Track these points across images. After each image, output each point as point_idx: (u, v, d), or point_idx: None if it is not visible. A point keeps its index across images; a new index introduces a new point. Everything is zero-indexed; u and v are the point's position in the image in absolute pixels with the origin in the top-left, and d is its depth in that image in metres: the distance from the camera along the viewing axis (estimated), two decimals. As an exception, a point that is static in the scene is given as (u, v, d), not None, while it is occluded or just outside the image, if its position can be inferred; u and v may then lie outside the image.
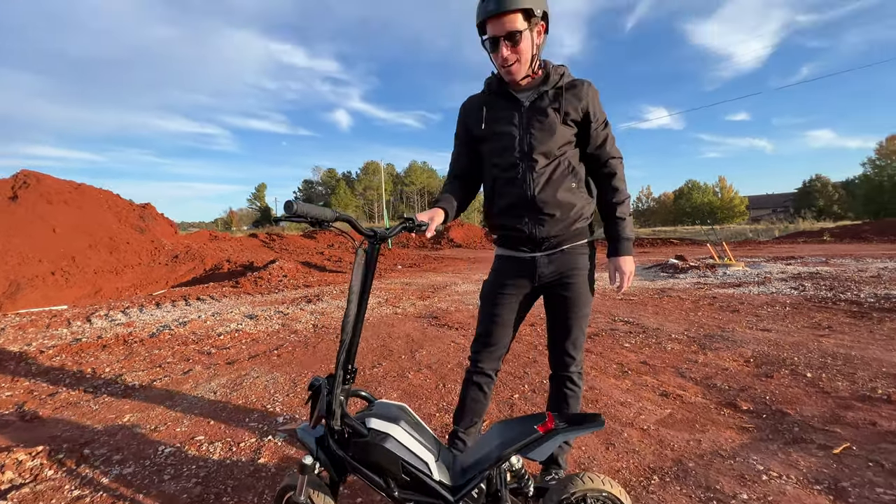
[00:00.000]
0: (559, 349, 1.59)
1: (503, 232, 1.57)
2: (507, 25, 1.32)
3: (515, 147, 1.46)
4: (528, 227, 1.48)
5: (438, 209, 1.50)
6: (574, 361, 1.58)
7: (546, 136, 1.44)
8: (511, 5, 1.30)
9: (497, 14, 1.32)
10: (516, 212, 1.49)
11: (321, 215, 1.10)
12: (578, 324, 1.55)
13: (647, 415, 2.40)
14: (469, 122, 1.58)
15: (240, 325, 4.79)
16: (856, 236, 16.93)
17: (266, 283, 8.08)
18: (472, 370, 1.66)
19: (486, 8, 1.33)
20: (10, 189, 10.36)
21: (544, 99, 1.46)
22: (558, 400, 1.62)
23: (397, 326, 4.57)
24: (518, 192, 1.47)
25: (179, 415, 2.54)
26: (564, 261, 1.52)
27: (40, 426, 2.42)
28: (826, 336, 3.72)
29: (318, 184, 75.69)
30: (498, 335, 1.60)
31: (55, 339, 4.42)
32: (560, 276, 1.52)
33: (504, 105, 1.50)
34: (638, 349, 3.58)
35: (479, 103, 1.55)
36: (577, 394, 1.60)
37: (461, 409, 1.70)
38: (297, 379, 3.09)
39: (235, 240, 19.23)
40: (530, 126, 1.45)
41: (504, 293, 1.57)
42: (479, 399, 1.67)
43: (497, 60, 1.41)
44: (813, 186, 50.54)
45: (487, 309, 1.60)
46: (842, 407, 2.37)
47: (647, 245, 18.65)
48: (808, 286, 6.09)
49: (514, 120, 1.47)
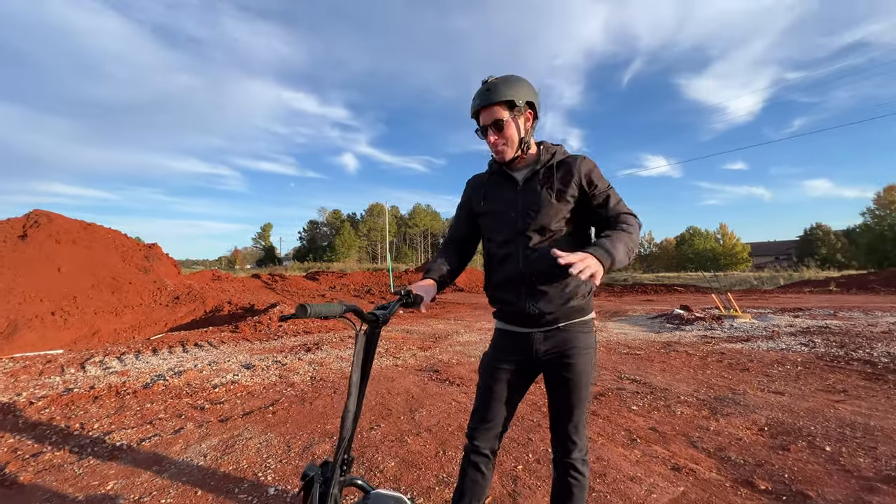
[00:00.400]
0: (561, 433, 1.53)
1: (499, 306, 1.60)
2: (493, 115, 1.48)
3: (510, 223, 1.53)
4: (522, 303, 1.49)
5: (431, 281, 1.54)
6: (577, 447, 1.52)
7: (539, 213, 1.48)
8: (493, 99, 1.45)
9: (483, 107, 1.48)
10: (510, 287, 1.52)
11: (331, 312, 1.12)
12: (580, 406, 1.51)
13: (659, 493, 2.26)
14: (472, 197, 1.69)
15: (236, 375, 4.68)
16: (862, 286, 16.78)
17: (265, 329, 7.98)
18: (470, 448, 1.61)
19: (475, 102, 1.50)
20: (21, 228, 10.55)
21: (538, 177, 1.53)
22: (562, 489, 1.53)
23: (397, 381, 4.44)
24: (512, 268, 1.51)
25: (166, 482, 2.42)
26: (562, 339, 1.50)
27: (19, 494, 2.30)
28: (842, 402, 3.58)
29: (323, 224, 76.69)
30: (495, 411, 1.57)
31: (46, 388, 4.31)
32: (558, 354, 1.50)
33: (502, 184, 1.60)
34: (646, 413, 3.44)
35: (482, 181, 1.67)
36: (581, 483, 1.52)
37: (460, 494, 1.63)
38: (291, 441, 2.97)
39: (238, 280, 19.24)
40: (525, 203, 1.52)
41: (501, 368, 1.56)
42: (477, 481, 1.60)
43: (489, 143, 1.54)
44: (815, 234, 50.77)
45: (485, 382, 1.59)
46: (866, 489, 2.23)
47: (651, 292, 18.51)
48: (819, 342, 5.95)
49: (510, 197, 1.56)
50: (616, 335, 7.26)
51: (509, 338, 1.57)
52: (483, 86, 1.49)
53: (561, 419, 1.53)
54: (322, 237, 74.68)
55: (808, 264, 36.00)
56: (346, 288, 21.05)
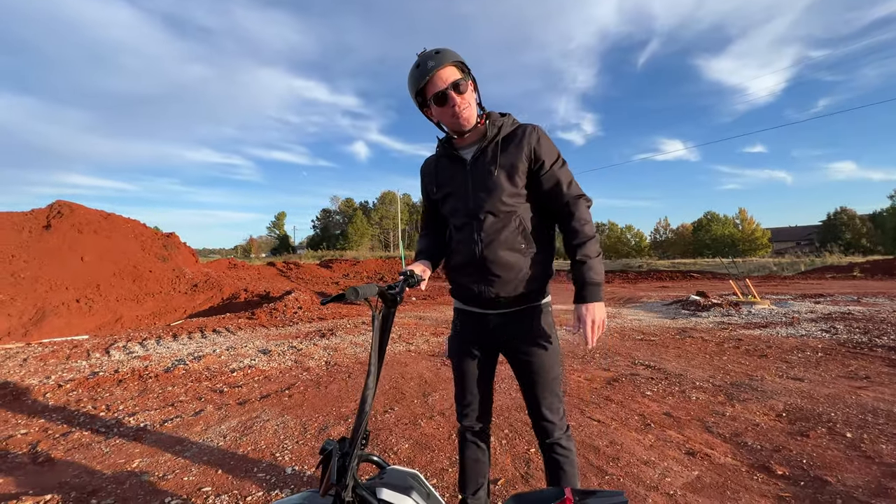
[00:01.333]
0: (537, 416, 1.52)
1: (456, 289, 1.58)
2: (449, 76, 1.37)
3: (463, 207, 1.47)
4: (477, 287, 1.45)
5: (427, 262, 1.56)
6: (556, 426, 1.51)
7: (489, 193, 1.42)
8: (447, 60, 1.36)
9: (437, 69, 1.36)
10: (466, 270, 1.48)
11: (370, 292, 1.16)
12: (550, 387, 1.49)
13: (673, 477, 2.25)
14: (427, 184, 1.63)
15: (253, 360, 4.78)
16: (888, 272, 16.25)
17: (281, 315, 8.13)
18: (462, 428, 1.65)
19: (425, 69, 1.36)
20: (45, 218, 10.86)
21: (486, 154, 1.45)
22: (553, 468, 1.54)
23: (410, 366, 4.49)
24: (467, 251, 1.46)
25: (188, 461, 2.50)
26: (519, 322, 1.48)
27: (50, 470, 2.41)
28: (864, 388, 3.49)
29: (336, 213, 77.19)
30: (471, 389, 1.59)
31: (74, 371, 4.48)
32: (516, 339, 1.49)
33: (451, 166, 1.52)
34: (661, 398, 3.42)
35: (433, 165, 1.61)
36: (569, 457, 1.53)
37: (463, 475, 1.67)
38: (307, 423, 3.03)
39: (253, 268, 19.57)
40: (475, 184, 1.45)
41: (466, 349, 1.58)
42: (478, 458, 1.65)
43: (448, 112, 1.41)
44: (839, 219, 49.16)
45: (456, 364, 1.62)
46: (888, 475, 2.18)
47: (667, 278, 18.25)
48: (841, 328, 5.80)
49: (460, 180, 1.49)
50: (630, 321, 7.19)
51: (468, 318, 1.57)
52: (424, 54, 1.39)
53: (534, 403, 1.51)
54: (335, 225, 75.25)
55: (831, 249, 34.98)
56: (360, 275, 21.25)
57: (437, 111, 1.43)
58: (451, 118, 1.41)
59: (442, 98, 1.37)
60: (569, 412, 3.15)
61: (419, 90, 1.40)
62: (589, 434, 2.78)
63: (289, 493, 2.14)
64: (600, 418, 3.03)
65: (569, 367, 4.34)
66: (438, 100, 1.38)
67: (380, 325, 1.25)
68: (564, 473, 1.52)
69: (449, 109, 1.39)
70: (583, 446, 2.62)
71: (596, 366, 4.41)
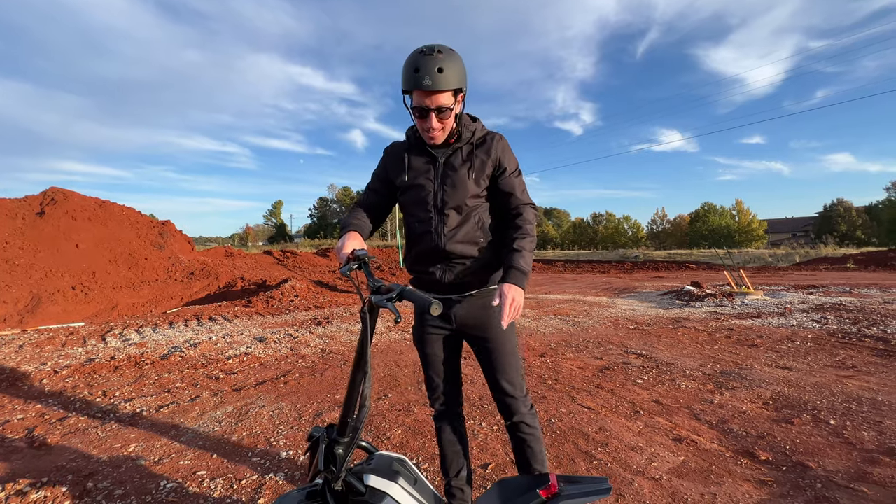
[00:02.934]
0: (499, 392, 1.60)
1: (417, 275, 1.63)
2: (439, 101, 1.38)
3: (430, 201, 1.53)
4: (439, 273, 1.54)
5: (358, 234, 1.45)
6: (518, 401, 1.59)
7: (457, 192, 1.51)
8: (446, 85, 1.35)
9: (432, 91, 1.35)
10: (429, 259, 1.56)
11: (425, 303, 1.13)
12: (510, 363, 1.58)
13: (660, 462, 2.30)
14: (391, 168, 1.62)
15: (249, 348, 4.81)
16: (881, 264, 16.39)
17: (277, 304, 8.15)
18: (436, 414, 1.70)
19: (421, 82, 1.34)
20: (39, 205, 10.77)
21: (458, 156, 1.54)
22: (521, 447, 1.62)
23: (405, 354, 4.53)
24: (430, 243, 1.53)
25: (183, 446, 2.54)
26: (477, 306, 1.57)
27: (47, 454, 2.44)
28: (850, 377, 3.56)
29: (334, 201, 76.82)
30: (437, 372, 1.65)
31: (70, 358, 4.50)
32: (475, 320, 1.57)
33: (422, 160, 1.56)
34: (651, 386, 3.47)
35: (402, 153, 1.60)
36: (535, 435, 1.62)
37: (444, 459, 1.72)
38: (302, 410, 3.07)
39: (250, 256, 19.52)
40: (444, 182, 1.52)
41: (430, 333, 1.63)
42: (454, 441, 1.70)
43: (421, 125, 1.46)
44: (835, 211, 49.31)
45: (422, 350, 1.66)
46: (868, 461, 2.24)
47: (662, 269, 18.34)
48: (832, 319, 5.88)
49: (430, 175, 1.54)
50: (624, 311, 7.25)
51: None
52: (431, 61, 1.34)
53: (494, 379, 1.59)
54: (332, 214, 74.93)
55: (826, 241, 35.17)
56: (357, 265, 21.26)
57: (414, 118, 1.48)
58: (422, 133, 1.49)
59: (422, 113, 1.41)
60: (560, 400, 3.20)
61: (407, 87, 1.40)
62: (579, 421, 2.83)
63: (282, 478, 2.18)
64: (591, 405, 3.09)
65: (562, 356, 4.40)
66: (418, 112, 1.42)
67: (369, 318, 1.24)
68: (532, 451, 1.60)
69: (423, 124, 1.45)
70: (572, 432, 2.67)
71: (588, 354, 4.46)
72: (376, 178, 1.67)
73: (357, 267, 1.27)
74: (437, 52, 1.35)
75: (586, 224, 61.77)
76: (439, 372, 1.65)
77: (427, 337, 1.64)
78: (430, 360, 1.65)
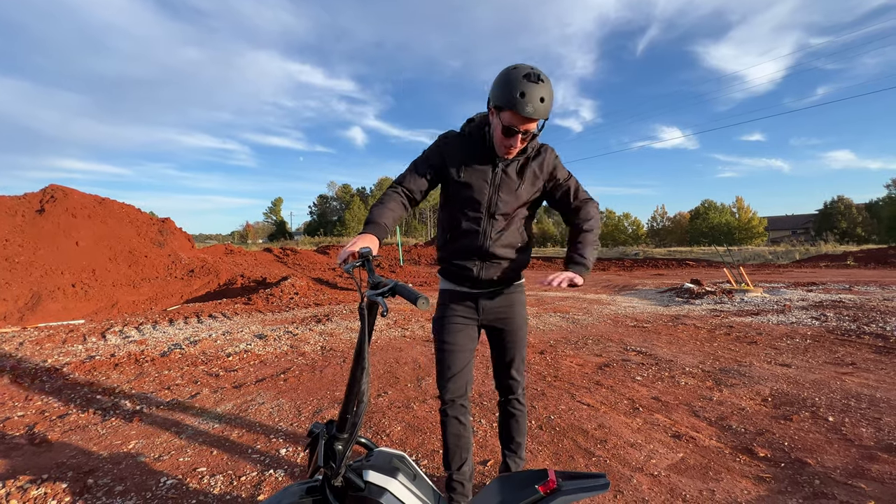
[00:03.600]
0: (506, 376, 1.77)
1: (452, 269, 1.70)
2: (529, 126, 1.47)
3: (483, 203, 1.61)
4: (476, 270, 1.64)
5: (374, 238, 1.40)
6: (519, 384, 1.78)
7: (510, 201, 1.61)
8: (543, 115, 1.45)
9: (532, 118, 1.43)
10: (469, 256, 1.65)
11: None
12: (520, 351, 1.76)
13: (659, 459, 2.31)
14: (449, 159, 1.63)
15: (249, 345, 4.82)
16: (881, 261, 16.38)
17: (277, 301, 8.15)
18: (445, 406, 1.72)
19: (524, 108, 1.38)
20: (39, 203, 10.76)
21: (517, 165, 1.61)
22: (508, 419, 1.82)
23: (405, 351, 4.54)
24: (475, 242, 1.62)
25: (184, 443, 2.55)
26: (504, 299, 1.72)
27: (47, 451, 2.45)
28: (849, 374, 3.56)
29: (333, 199, 76.74)
30: (458, 362, 1.70)
31: (70, 355, 4.50)
32: (500, 313, 1.72)
33: (482, 160, 1.61)
34: (650, 383, 3.48)
35: (462, 147, 1.63)
36: (524, 412, 1.83)
37: (447, 452, 1.75)
38: (301, 407, 3.08)
39: (250, 254, 19.51)
40: (500, 188, 1.60)
41: (455, 323, 1.70)
42: (460, 434, 1.73)
43: (503, 141, 1.52)
44: (835, 208, 49.21)
45: (444, 339, 1.70)
46: (866, 458, 2.25)
47: (662, 266, 18.34)
48: (831, 316, 5.88)
49: (488, 178, 1.60)
50: (624, 308, 7.26)
51: (457, 296, 1.72)
52: (537, 90, 1.38)
53: (506, 365, 1.76)
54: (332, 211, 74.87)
55: (826, 238, 35.15)
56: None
57: (497, 132, 1.51)
58: (500, 146, 1.55)
59: (510, 133, 1.48)
60: (559, 397, 3.21)
61: (505, 105, 1.42)
62: (578, 417, 2.84)
63: (282, 474, 2.19)
64: (590, 402, 3.09)
65: (561, 353, 4.40)
66: (506, 131, 1.48)
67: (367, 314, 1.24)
68: (518, 425, 1.82)
69: (506, 141, 1.51)
70: (571, 429, 2.67)
71: (588, 351, 4.47)
72: (426, 162, 1.65)
73: (360, 264, 1.28)
74: (541, 81, 1.40)
75: (586, 221, 61.36)
76: (458, 361, 1.70)
77: (450, 326, 1.70)
78: (449, 348, 1.69)
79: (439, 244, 1.74)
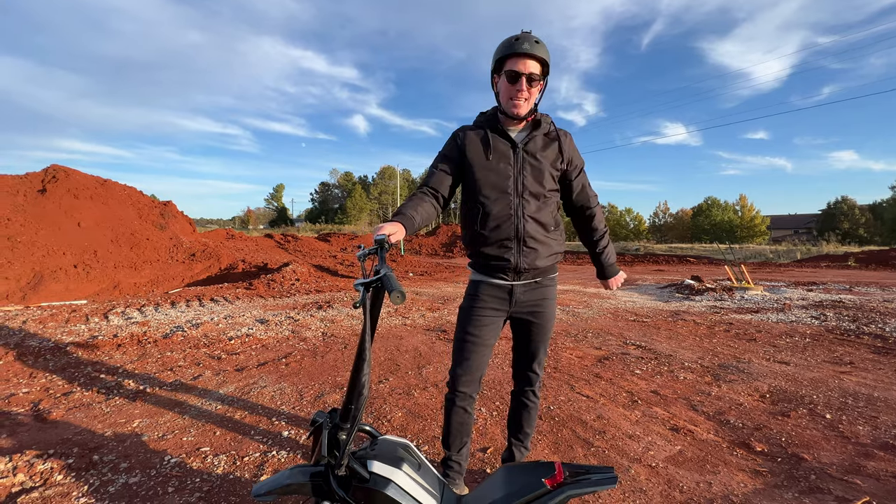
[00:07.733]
0: (528, 368, 1.79)
1: (486, 260, 1.64)
2: (532, 68, 1.51)
3: (511, 185, 1.59)
4: (514, 258, 1.60)
5: (399, 224, 1.40)
6: (538, 377, 1.81)
7: (536, 180, 1.60)
8: (541, 53, 1.50)
9: (528, 55, 1.49)
10: (504, 244, 1.60)
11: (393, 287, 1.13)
12: (545, 346, 1.77)
13: (656, 451, 2.34)
14: (469, 148, 1.63)
15: (251, 329, 4.85)
16: (882, 262, 16.36)
17: (279, 287, 8.18)
18: (455, 395, 1.73)
19: (520, 46, 1.48)
20: (41, 182, 10.73)
21: (535, 143, 1.62)
22: (521, 409, 1.85)
23: (406, 339, 4.56)
24: (507, 227, 1.59)
25: (187, 422, 2.57)
26: (538, 292, 1.69)
27: (53, 428, 2.48)
28: (847, 373, 3.58)
29: (335, 186, 76.48)
30: (481, 357, 1.70)
31: (73, 335, 4.53)
32: (533, 306, 1.70)
33: (502, 143, 1.62)
34: (649, 377, 3.50)
35: (482, 135, 1.64)
36: (536, 404, 1.86)
37: (448, 435, 1.77)
38: (303, 391, 3.10)
39: (251, 239, 19.52)
40: (524, 167, 1.60)
41: (484, 315, 1.68)
42: (465, 421, 1.76)
43: (509, 92, 1.54)
44: (839, 208, 49.00)
45: (470, 331, 1.68)
46: (862, 455, 2.27)
47: (663, 262, 18.34)
48: (830, 316, 5.89)
49: (510, 160, 1.60)
50: (624, 303, 7.28)
51: (491, 288, 1.68)
52: (528, 35, 1.51)
53: (531, 358, 1.77)
54: (334, 199, 74.67)
55: (828, 238, 35.08)
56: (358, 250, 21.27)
57: (504, 85, 1.55)
58: (508, 99, 1.55)
59: (514, 77, 1.51)
60: (559, 388, 3.23)
61: (504, 57, 1.52)
62: (577, 408, 2.86)
63: (285, 455, 2.22)
64: (589, 394, 3.12)
65: (561, 345, 4.42)
66: (510, 76, 1.52)
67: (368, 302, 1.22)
68: (529, 416, 1.85)
69: (512, 90, 1.53)
70: (570, 420, 2.70)
71: (588, 344, 4.49)
72: (444, 159, 1.65)
73: (374, 251, 1.27)
74: (530, 32, 1.54)
75: (588, 216, 61.23)
76: (481, 355, 1.70)
77: (478, 318, 1.68)
78: (473, 340, 1.68)
79: (468, 238, 1.68)
